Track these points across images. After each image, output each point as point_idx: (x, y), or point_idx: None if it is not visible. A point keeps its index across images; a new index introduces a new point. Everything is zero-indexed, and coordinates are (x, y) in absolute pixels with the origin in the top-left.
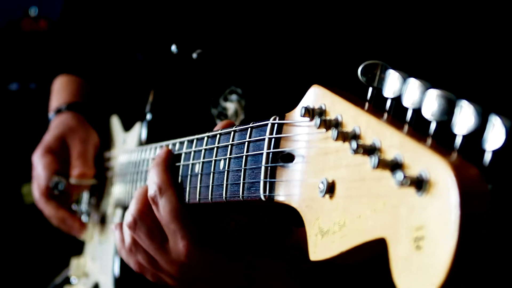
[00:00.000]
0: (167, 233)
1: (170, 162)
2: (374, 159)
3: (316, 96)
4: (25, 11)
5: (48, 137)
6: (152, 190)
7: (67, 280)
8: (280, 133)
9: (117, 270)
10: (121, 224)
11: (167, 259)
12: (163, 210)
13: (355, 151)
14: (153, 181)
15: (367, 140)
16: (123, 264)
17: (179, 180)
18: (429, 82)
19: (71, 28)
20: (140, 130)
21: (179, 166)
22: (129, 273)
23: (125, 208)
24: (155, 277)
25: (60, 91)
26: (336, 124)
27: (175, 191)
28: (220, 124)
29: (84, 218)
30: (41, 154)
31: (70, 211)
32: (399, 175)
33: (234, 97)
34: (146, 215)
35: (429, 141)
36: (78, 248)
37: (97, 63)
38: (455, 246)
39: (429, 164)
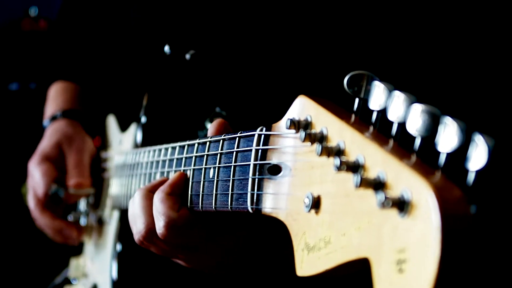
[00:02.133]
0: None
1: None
2: (356, 178)
3: (302, 107)
4: (25, 11)
5: (44, 145)
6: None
7: (67, 280)
8: (267, 144)
9: (114, 274)
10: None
11: (183, 253)
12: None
13: (339, 168)
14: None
15: (352, 156)
16: (120, 268)
17: None
18: (416, 91)
19: (68, 32)
20: (135, 132)
21: (169, 172)
22: (127, 276)
23: (121, 210)
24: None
25: (55, 98)
26: (321, 138)
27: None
28: (212, 124)
29: (82, 219)
30: (38, 161)
31: (66, 221)
32: (381, 196)
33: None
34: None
35: (413, 158)
36: (77, 248)
37: (93, 67)
38: (436, 270)
39: (411, 184)
